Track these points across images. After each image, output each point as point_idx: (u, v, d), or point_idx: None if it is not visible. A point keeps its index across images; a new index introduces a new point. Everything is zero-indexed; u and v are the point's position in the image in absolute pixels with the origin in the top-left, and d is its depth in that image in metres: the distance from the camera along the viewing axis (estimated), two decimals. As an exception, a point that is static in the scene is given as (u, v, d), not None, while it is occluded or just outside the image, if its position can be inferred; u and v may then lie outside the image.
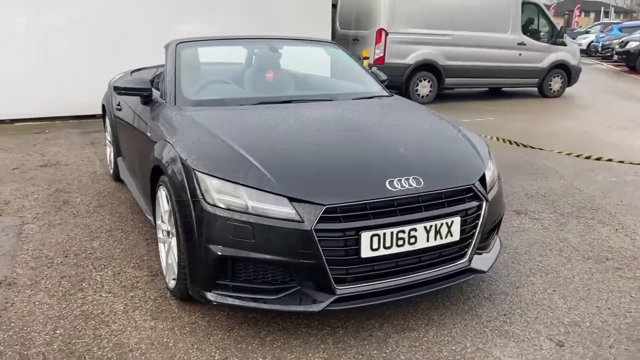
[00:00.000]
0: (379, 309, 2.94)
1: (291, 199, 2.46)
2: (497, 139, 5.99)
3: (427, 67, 10.89)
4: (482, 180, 2.91)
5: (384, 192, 2.56)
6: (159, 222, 3.18)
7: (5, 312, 2.89)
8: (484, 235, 3.01)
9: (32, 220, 4.23)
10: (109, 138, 5.26)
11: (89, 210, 4.47)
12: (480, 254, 2.99)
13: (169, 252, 3.00)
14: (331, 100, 3.67)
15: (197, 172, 2.59)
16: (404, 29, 10.46)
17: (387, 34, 10.32)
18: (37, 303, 2.98)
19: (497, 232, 3.28)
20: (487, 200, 2.83)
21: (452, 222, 2.67)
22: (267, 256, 2.46)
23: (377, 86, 4.10)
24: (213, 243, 2.51)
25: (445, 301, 3.05)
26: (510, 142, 6.16)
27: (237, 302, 2.54)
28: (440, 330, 2.77)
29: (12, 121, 8.44)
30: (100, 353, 2.54)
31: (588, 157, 6.01)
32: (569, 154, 6.19)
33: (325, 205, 2.45)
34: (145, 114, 3.51)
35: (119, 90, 3.53)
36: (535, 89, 12.62)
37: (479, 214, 2.81)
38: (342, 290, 2.53)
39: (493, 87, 12.99)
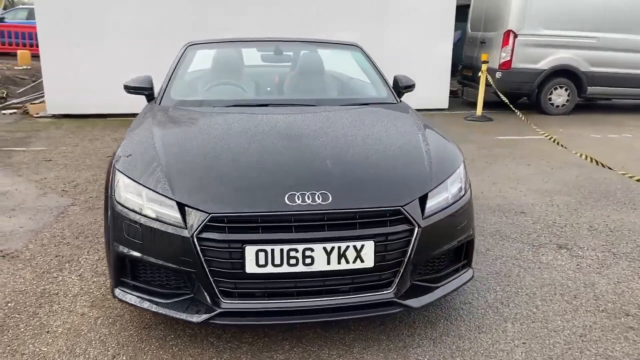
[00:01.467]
0: (302, 331, 2.73)
1: (180, 205, 2.40)
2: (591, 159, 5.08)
3: (565, 74, 9.75)
4: (423, 202, 2.53)
5: (279, 206, 2.37)
6: None
7: (-12, 280, 3.28)
8: (428, 266, 2.65)
9: (80, 203, 4.72)
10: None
11: (131, 199, 4.83)
12: (425, 287, 2.62)
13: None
14: (313, 105, 3.48)
15: (116, 170, 2.67)
16: (537, 30, 9.48)
17: (515, 36, 9.45)
18: (17, 277, 3.32)
19: (468, 265, 2.83)
20: (419, 226, 2.46)
21: (363, 246, 2.37)
22: (152, 259, 2.44)
23: (385, 93, 3.79)
24: (115, 240, 2.55)
25: (381, 334, 2.72)
26: (598, 163, 5.21)
27: (133, 301, 2.54)
28: (348, 366, 2.49)
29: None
30: (22, 330, 2.74)
31: None
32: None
33: (210, 213, 2.34)
34: (142, 112, 3.70)
35: (127, 88, 3.76)
36: None
37: (409, 241, 2.46)
38: (228, 304, 2.40)
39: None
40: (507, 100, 7.95)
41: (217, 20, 9.10)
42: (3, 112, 9.30)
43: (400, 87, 3.95)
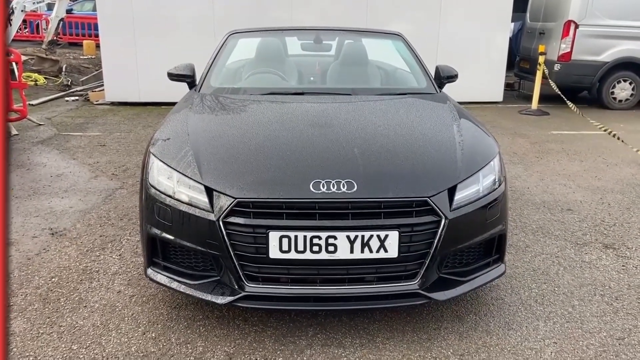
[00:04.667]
0: (327, 318, 2.74)
1: (208, 189, 2.45)
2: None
3: (629, 67, 9.26)
4: (452, 194, 2.48)
5: (303, 193, 2.38)
6: None
7: (37, 256, 3.45)
8: (456, 259, 2.60)
9: (128, 187, 4.90)
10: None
11: (176, 184, 4.98)
12: (453, 280, 2.57)
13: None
14: (349, 94, 3.46)
15: (150, 154, 2.75)
16: (600, 20, 9.02)
17: (577, 26, 9.03)
18: (62, 254, 3.48)
19: (500, 259, 2.76)
20: (446, 218, 2.41)
21: (387, 236, 2.35)
22: (180, 241, 2.51)
23: (424, 83, 3.72)
24: (148, 222, 2.64)
25: (407, 326, 2.70)
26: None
27: (163, 280, 2.62)
28: (371, 353, 2.47)
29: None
30: (62, 303, 2.89)
31: None
32: None
33: (236, 198, 2.38)
34: (182, 99, 3.78)
35: (170, 76, 3.85)
36: None
37: (435, 232, 2.42)
38: (253, 288, 2.44)
39: None
40: (559, 91, 7.62)
41: (275, 15, 9.21)
42: (66, 99, 9.74)
43: (442, 77, 3.86)
